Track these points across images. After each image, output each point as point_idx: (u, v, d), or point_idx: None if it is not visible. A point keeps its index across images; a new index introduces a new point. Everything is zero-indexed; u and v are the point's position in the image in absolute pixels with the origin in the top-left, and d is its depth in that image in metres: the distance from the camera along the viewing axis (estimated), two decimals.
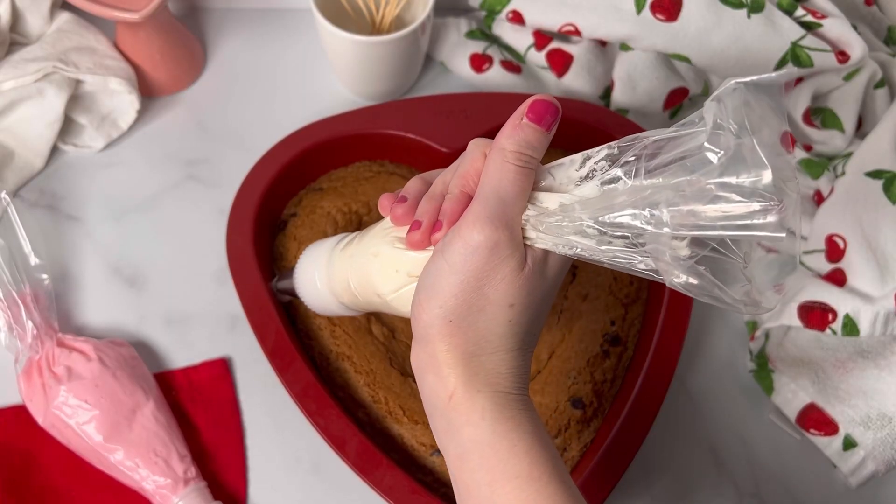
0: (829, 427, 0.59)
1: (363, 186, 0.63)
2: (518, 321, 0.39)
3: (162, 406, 0.56)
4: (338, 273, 0.50)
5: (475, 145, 0.42)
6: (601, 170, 0.38)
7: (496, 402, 0.39)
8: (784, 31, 0.62)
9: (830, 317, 0.60)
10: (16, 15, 0.65)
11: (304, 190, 0.64)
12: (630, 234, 0.36)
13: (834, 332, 0.59)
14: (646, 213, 0.35)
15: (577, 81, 0.68)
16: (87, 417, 0.53)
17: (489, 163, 0.40)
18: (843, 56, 0.64)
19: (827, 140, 0.67)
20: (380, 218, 0.62)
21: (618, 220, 0.36)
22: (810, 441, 0.60)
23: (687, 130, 0.35)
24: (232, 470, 0.57)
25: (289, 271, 0.56)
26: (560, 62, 0.68)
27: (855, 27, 0.69)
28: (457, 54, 0.72)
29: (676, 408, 0.61)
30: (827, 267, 0.62)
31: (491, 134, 0.61)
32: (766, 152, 0.33)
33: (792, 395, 0.60)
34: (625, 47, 0.67)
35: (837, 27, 0.63)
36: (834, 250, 0.62)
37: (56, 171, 0.67)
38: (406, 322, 0.59)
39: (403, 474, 0.52)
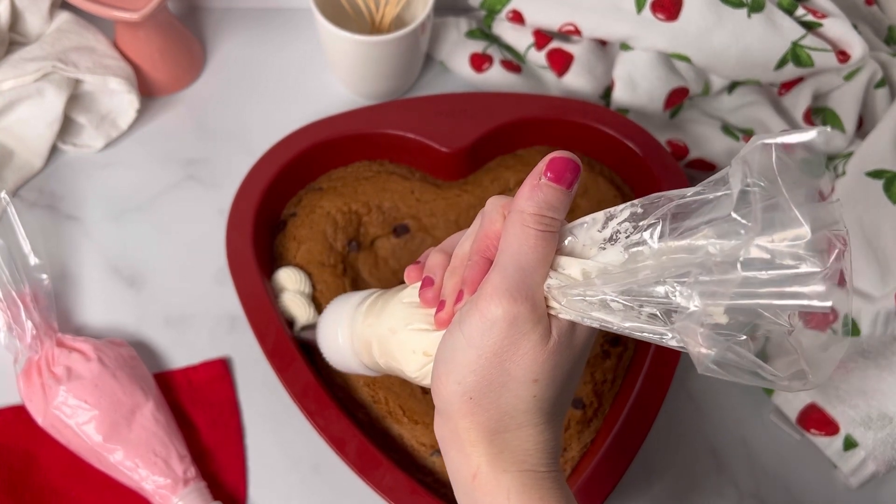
0: (829, 427, 0.59)
1: (363, 186, 0.63)
2: (544, 396, 0.37)
3: (161, 406, 0.56)
4: (360, 337, 0.48)
5: (493, 205, 0.39)
6: (625, 232, 0.35)
7: (523, 482, 0.37)
8: (784, 30, 0.62)
9: (831, 316, 0.60)
10: (15, 14, 0.65)
11: (304, 190, 0.63)
12: (658, 309, 0.33)
13: (835, 332, 0.59)
14: (673, 286, 0.32)
15: (578, 81, 0.68)
16: (87, 417, 0.53)
17: (508, 227, 0.37)
18: (843, 56, 0.64)
19: (827, 140, 0.67)
20: (381, 222, 0.62)
21: (643, 292, 0.33)
22: (811, 441, 0.60)
23: (714, 193, 0.32)
24: (232, 470, 0.57)
25: (312, 325, 0.55)
26: (560, 62, 0.68)
27: (855, 27, 0.69)
28: (457, 54, 0.72)
29: (677, 408, 0.61)
30: None
31: (490, 134, 0.62)
32: (802, 209, 0.29)
33: (792, 395, 0.60)
34: (625, 47, 0.66)
35: (838, 27, 0.63)
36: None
37: (55, 171, 0.67)
38: None
39: (403, 474, 0.52)
